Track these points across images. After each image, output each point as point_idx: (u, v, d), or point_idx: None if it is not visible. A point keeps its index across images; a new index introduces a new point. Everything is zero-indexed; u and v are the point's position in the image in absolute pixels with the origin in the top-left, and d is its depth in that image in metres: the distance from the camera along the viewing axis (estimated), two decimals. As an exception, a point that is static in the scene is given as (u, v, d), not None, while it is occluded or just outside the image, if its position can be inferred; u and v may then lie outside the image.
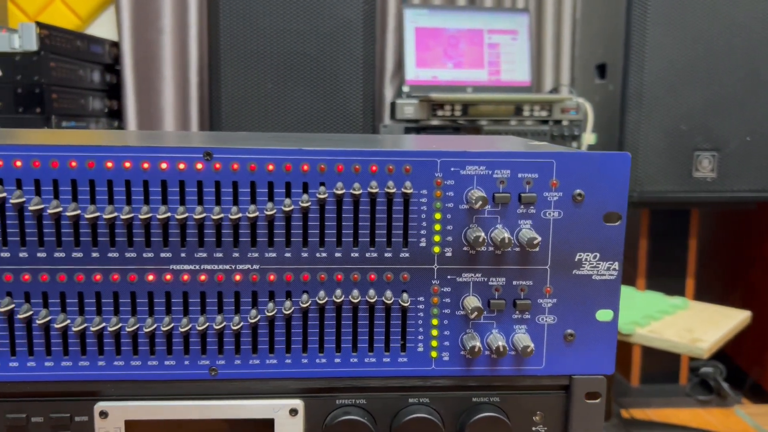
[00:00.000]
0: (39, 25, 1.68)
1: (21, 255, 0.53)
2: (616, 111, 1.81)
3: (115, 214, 0.53)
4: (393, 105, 1.83)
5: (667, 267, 2.00)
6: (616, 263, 0.57)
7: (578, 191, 0.55)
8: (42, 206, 0.52)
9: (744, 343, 1.99)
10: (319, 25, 1.78)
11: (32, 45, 1.70)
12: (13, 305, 0.54)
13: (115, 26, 2.17)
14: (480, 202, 0.53)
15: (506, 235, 0.54)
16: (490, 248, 0.56)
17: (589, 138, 1.84)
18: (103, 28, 2.21)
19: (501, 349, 0.55)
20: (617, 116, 1.80)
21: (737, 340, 1.66)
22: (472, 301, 0.55)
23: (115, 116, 2.13)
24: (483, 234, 0.54)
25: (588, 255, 0.56)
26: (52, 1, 2.15)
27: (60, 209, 0.52)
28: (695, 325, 1.43)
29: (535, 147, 0.61)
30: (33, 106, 1.73)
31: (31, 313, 0.54)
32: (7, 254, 0.53)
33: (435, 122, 1.83)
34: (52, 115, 1.74)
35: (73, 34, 1.86)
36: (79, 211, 0.53)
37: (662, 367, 2.03)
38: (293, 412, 0.57)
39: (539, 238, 0.54)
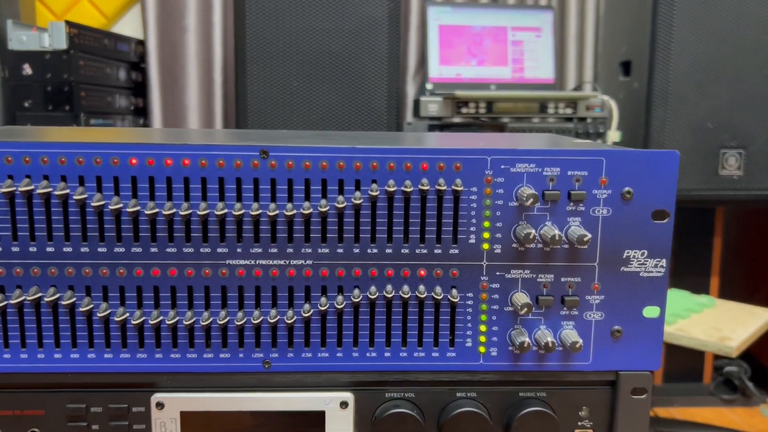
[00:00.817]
0: (68, 24, 1.70)
1: (83, 250, 0.55)
2: (641, 108, 1.81)
3: (174, 210, 0.54)
4: (417, 102, 1.84)
5: (691, 265, 1.99)
6: (664, 260, 0.57)
7: (627, 189, 0.56)
8: (103, 202, 0.54)
9: (769, 342, 1.98)
10: (345, 23, 1.79)
11: (62, 44, 1.72)
12: (74, 299, 0.55)
13: (139, 24, 2.20)
14: (531, 200, 0.54)
15: (556, 232, 0.55)
16: (539, 245, 0.57)
17: (613, 135, 1.83)
18: (127, 26, 2.23)
19: (550, 345, 0.56)
20: (642, 114, 1.80)
21: (762, 339, 1.65)
22: (521, 298, 0.56)
23: (141, 113, 2.15)
24: (533, 231, 0.55)
25: (636, 252, 0.57)
26: (78, 0, 2.18)
27: (120, 205, 0.54)
28: (723, 324, 1.43)
29: (580, 145, 0.62)
30: (62, 104, 1.75)
31: (91, 306, 0.55)
32: (69, 249, 0.55)
33: (457, 119, 1.83)
34: (80, 112, 1.76)
35: (101, 32, 1.89)
36: (138, 208, 0.54)
37: (686, 365, 2.02)
38: (344, 404, 0.58)
39: (589, 236, 0.54)
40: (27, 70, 1.72)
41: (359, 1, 1.78)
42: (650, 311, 0.58)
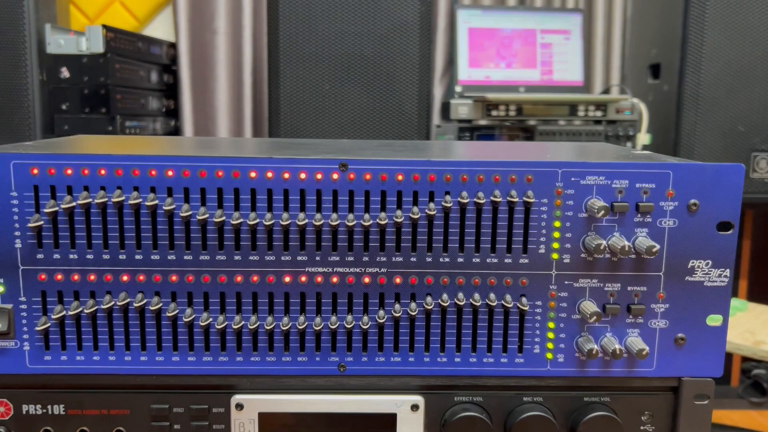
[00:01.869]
0: (106, 27, 1.73)
1: (169, 258, 0.57)
2: (671, 111, 1.81)
3: (257, 220, 0.57)
4: (447, 105, 1.86)
5: (720, 268, 1.99)
6: (728, 270, 0.59)
7: (693, 201, 0.57)
8: (190, 213, 0.56)
9: (798, 345, 1.97)
10: (376, 26, 1.81)
11: (99, 47, 1.75)
12: (161, 304, 0.58)
13: (169, 27, 2.23)
14: (602, 212, 0.56)
15: (625, 243, 0.56)
16: (606, 255, 0.58)
17: (643, 138, 1.84)
18: (158, 29, 2.27)
19: (617, 352, 0.58)
20: (672, 117, 1.80)
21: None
22: (589, 306, 0.58)
23: (172, 115, 2.19)
24: (603, 242, 0.57)
25: (701, 262, 0.58)
26: (111, 3, 2.22)
27: (207, 216, 0.56)
28: (756, 328, 1.43)
29: (644, 157, 0.64)
30: (99, 107, 1.79)
31: (177, 311, 0.58)
32: (156, 257, 0.57)
33: (486, 122, 1.85)
34: (116, 115, 1.80)
35: (135, 36, 1.92)
36: (224, 218, 0.56)
37: (713, 367, 2.02)
38: (414, 407, 0.60)
39: (658, 246, 0.56)
40: (65, 73, 1.76)
41: (391, 4, 1.80)
42: (713, 319, 0.60)
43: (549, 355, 0.60)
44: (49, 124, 1.74)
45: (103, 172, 0.56)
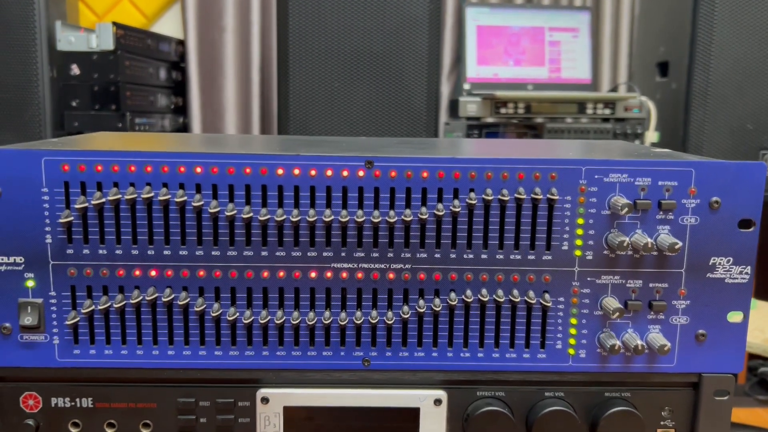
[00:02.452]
0: (116, 25, 1.74)
1: (197, 253, 0.58)
2: (679, 109, 1.82)
3: (284, 216, 0.57)
4: (455, 102, 1.86)
5: (727, 265, 1.99)
6: (749, 267, 0.59)
7: (715, 198, 0.58)
8: (218, 209, 0.57)
9: (804, 343, 1.98)
10: (385, 22, 1.81)
11: (109, 44, 1.76)
12: (188, 299, 0.58)
13: (178, 24, 2.24)
14: (626, 209, 0.56)
15: (648, 240, 0.57)
16: (629, 252, 0.59)
17: (651, 136, 1.85)
18: (166, 26, 2.27)
19: (639, 348, 0.58)
20: (681, 115, 1.81)
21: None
22: (612, 302, 0.59)
23: (180, 112, 2.19)
24: (627, 239, 0.57)
25: (722, 260, 0.59)
26: (120, 1, 2.22)
27: (234, 212, 0.57)
28: (766, 325, 1.44)
29: (661, 155, 0.64)
30: (109, 104, 1.79)
31: (204, 306, 0.58)
32: (185, 252, 0.58)
33: (493, 120, 1.85)
34: (126, 112, 1.80)
35: (145, 33, 1.93)
36: (251, 214, 0.57)
37: (720, 365, 2.03)
38: (437, 402, 0.61)
39: (680, 243, 0.57)
40: (75, 70, 1.76)
41: (400, 0, 1.80)
42: (734, 316, 0.60)
43: (571, 351, 0.61)
44: (59, 121, 1.75)
45: (132, 168, 0.57)
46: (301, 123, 1.85)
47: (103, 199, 0.56)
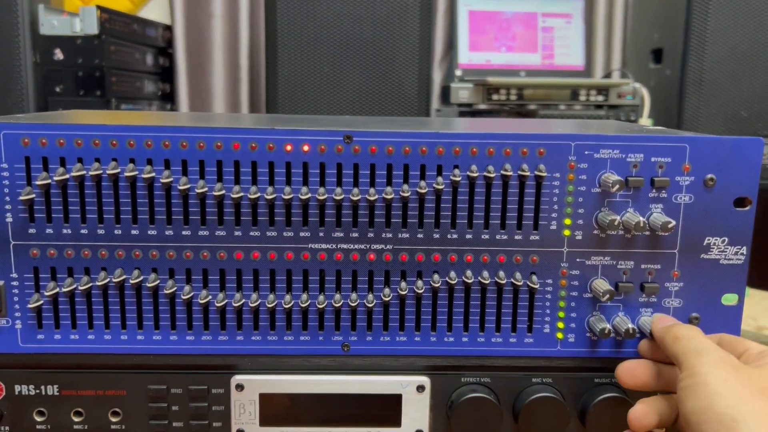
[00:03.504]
0: (100, 9, 1.70)
1: (167, 233, 0.55)
2: (673, 96, 1.79)
3: (258, 194, 0.54)
4: (447, 89, 1.83)
5: (720, 254, 1.98)
6: (744, 248, 0.57)
7: (710, 176, 0.56)
8: (188, 186, 0.54)
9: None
10: (376, 9, 1.78)
11: (93, 29, 1.72)
12: (158, 281, 0.56)
13: (165, 9, 2.19)
14: (617, 186, 0.54)
15: (640, 218, 0.54)
16: (620, 231, 0.56)
17: (645, 123, 1.82)
18: (153, 11, 2.23)
19: (631, 332, 0.56)
20: (675, 101, 1.78)
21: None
22: (602, 284, 0.56)
23: (168, 99, 2.16)
24: (618, 217, 0.55)
25: (717, 239, 0.57)
26: (105, -15, 2.18)
27: (206, 189, 0.54)
28: (758, 313, 1.42)
29: (655, 131, 0.62)
30: (93, 89, 1.75)
31: (175, 289, 0.56)
32: (153, 232, 0.55)
33: (486, 106, 1.82)
34: (111, 98, 1.77)
35: (131, 17, 1.89)
36: (224, 192, 0.54)
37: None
38: (420, 388, 0.59)
39: (674, 222, 0.54)
40: (58, 55, 1.72)
41: (391, -14, 1.77)
42: (729, 298, 0.58)
43: (559, 335, 0.58)
44: (43, 107, 1.71)
45: (97, 143, 0.54)
46: (291, 110, 1.81)
47: (67, 176, 0.53)
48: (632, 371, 0.54)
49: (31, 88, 1.67)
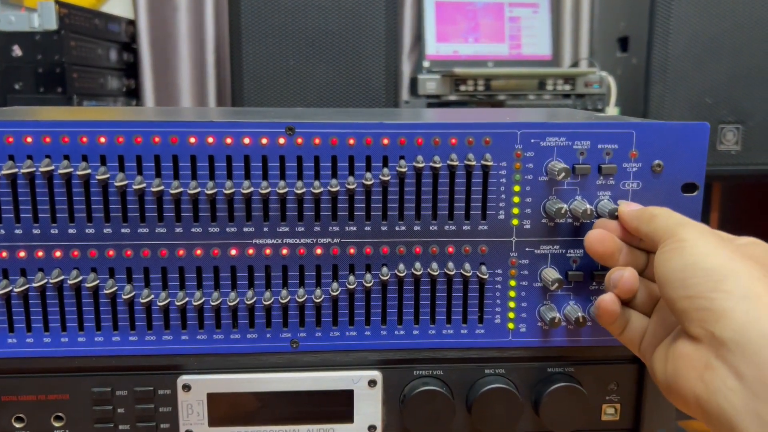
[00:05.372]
0: (59, 3, 1.66)
1: (105, 231, 0.53)
2: (639, 84, 1.80)
3: (199, 189, 0.53)
4: (414, 80, 1.82)
5: (688, 241, 2.00)
6: (693, 234, 0.57)
7: (657, 162, 0.55)
8: (126, 182, 0.52)
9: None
10: (341, 0, 1.76)
11: (52, 24, 1.68)
12: (97, 281, 0.54)
13: (128, 4, 2.15)
14: (563, 174, 0.53)
15: (587, 206, 0.54)
16: (568, 220, 0.56)
17: (612, 112, 1.83)
18: (116, 6, 2.19)
19: (581, 320, 0.56)
20: (641, 90, 1.79)
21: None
22: (551, 273, 0.56)
23: (133, 95, 2.12)
24: (565, 206, 0.54)
25: (665, 226, 0.56)
26: (65, -21, 2.12)
27: (144, 185, 0.52)
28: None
29: (607, 118, 0.61)
30: (54, 86, 1.71)
31: (115, 288, 0.54)
32: (91, 231, 0.53)
33: (455, 97, 1.82)
34: (73, 94, 1.73)
35: (91, 12, 1.84)
36: (162, 187, 0.53)
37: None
38: (372, 383, 0.58)
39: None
40: (17, 51, 1.68)
41: (356, -23, 1.75)
42: (678, 285, 0.58)
43: (510, 325, 0.58)
44: (2, 105, 1.66)
45: (29, 140, 0.52)
46: (257, 103, 1.79)
47: (-3, 174, 0.51)
48: (602, 239, 0.50)
49: (-11, 85, 1.62)
